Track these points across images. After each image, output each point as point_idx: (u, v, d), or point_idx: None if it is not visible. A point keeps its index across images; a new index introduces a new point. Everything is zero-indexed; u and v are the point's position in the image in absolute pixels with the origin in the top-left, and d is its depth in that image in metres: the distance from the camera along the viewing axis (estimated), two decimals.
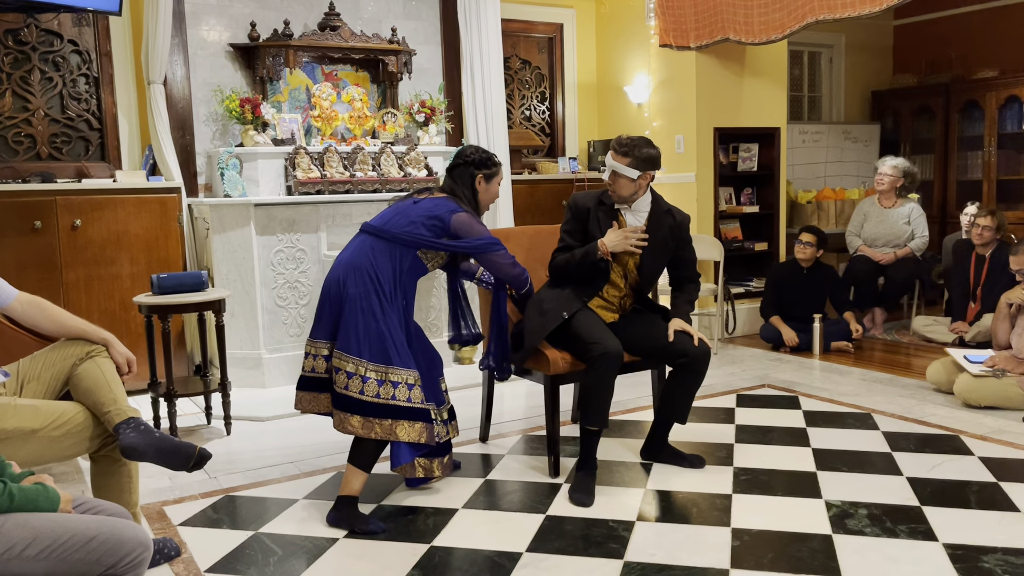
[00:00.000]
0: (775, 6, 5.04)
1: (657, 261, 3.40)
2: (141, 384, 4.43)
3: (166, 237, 4.76)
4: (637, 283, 3.42)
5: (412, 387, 2.90)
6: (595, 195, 3.44)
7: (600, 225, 3.35)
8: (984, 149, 7.13)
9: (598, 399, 3.13)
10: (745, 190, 6.35)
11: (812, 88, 7.79)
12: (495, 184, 3.27)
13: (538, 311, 3.30)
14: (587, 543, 2.75)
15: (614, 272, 3.38)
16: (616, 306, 3.42)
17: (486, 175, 3.21)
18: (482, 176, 3.21)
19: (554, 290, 3.36)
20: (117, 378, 2.48)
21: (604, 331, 3.20)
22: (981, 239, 5.33)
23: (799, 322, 5.52)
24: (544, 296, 3.36)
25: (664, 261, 3.43)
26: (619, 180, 3.28)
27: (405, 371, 2.89)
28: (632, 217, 3.38)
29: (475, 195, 3.22)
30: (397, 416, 2.87)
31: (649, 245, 3.32)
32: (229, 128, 5.22)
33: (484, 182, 3.22)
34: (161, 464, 2.34)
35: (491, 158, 3.23)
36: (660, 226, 3.36)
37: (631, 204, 3.36)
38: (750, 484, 3.22)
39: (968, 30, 7.42)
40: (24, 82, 4.74)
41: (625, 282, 3.40)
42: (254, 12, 5.28)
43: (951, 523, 2.81)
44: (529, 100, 6.64)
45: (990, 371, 4.14)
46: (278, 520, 2.98)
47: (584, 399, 3.17)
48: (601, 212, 3.38)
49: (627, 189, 3.30)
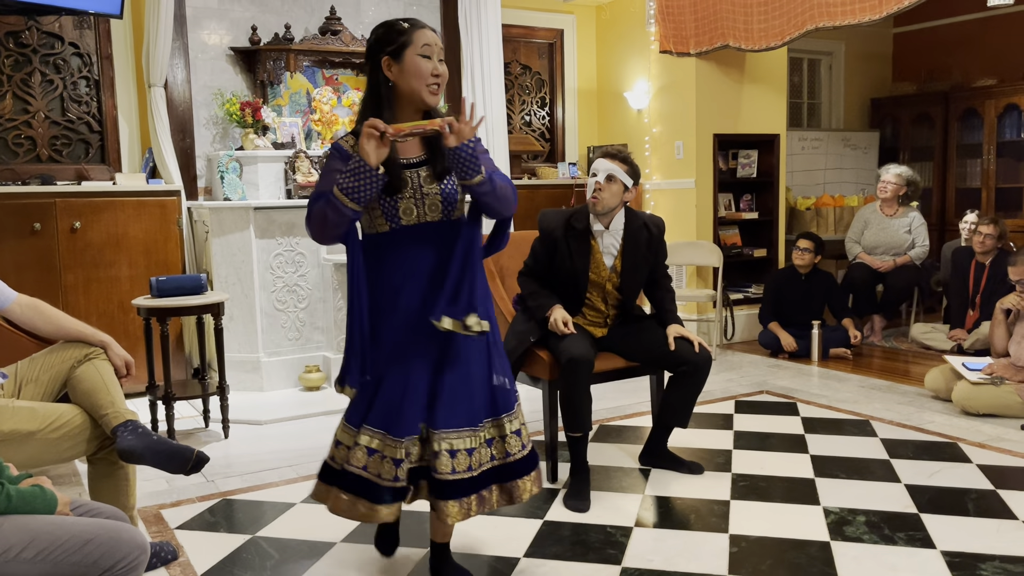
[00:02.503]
0: (775, 13, 5.05)
1: (638, 278, 3.36)
2: (139, 387, 4.43)
3: (165, 240, 4.76)
4: (619, 302, 3.39)
5: None
6: (563, 217, 3.30)
7: (572, 255, 3.24)
8: (983, 157, 7.14)
9: (575, 405, 3.13)
10: (744, 196, 6.36)
11: (812, 95, 7.80)
12: (411, 57, 2.13)
13: (514, 333, 3.32)
14: (585, 549, 2.74)
15: (594, 297, 3.35)
16: (602, 322, 3.41)
17: (392, 53, 2.15)
18: (388, 58, 2.16)
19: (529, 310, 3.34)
20: (115, 380, 2.48)
21: (575, 339, 3.16)
22: (983, 247, 5.33)
23: (798, 328, 5.52)
24: (519, 318, 3.37)
25: (644, 275, 3.39)
26: (612, 186, 3.22)
27: None
28: (607, 239, 3.30)
29: (389, 91, 2.17)
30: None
31: (627, 264, 3.30)
32: (229, 131, 5.23)
33: (395, 63, 2.16)
34: (158, 467, 2.33)
35: (393, 25, 2.18)
36: (637, 243, 3.32)
37: (609, 223, 3.29)
38: (748, 490, 3.22)
39: (967, 38, 7.44)
40: (25, 84, 4.74)
41: (606, 304, 3.38)
42: (255, 16, 5.29)
43: (949, 531, 2.81)
44: (529, 105, 6.64)
45: (988, 379, 4.14)
46: (276, 524, 2.98)
47: (562, 406, 3.17)
48: (572, 239, 3.25)
49: (616, 199, 3.24)
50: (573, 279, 3.29)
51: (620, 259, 3.32)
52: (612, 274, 3.33)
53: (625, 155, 3.28)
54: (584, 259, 3.28)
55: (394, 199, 2.18)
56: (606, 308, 3.39)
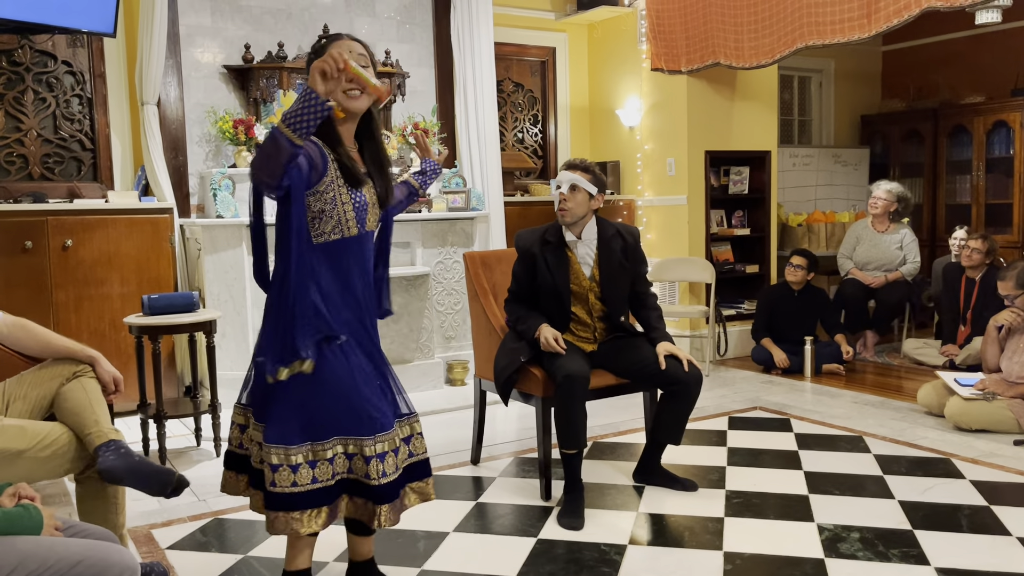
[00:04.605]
0: (765, 31, 5.10)
1: (619, 287, 3.38)
2: (131, 405, 4.40)
3: (157, 258, 4.75)
4: (604, 313, 3.40)
5: None
6: (538, 234, 3.37)
7: (550, 268, 3.30)
8: (972, 173, 7.20)
9: (570, 422, 3.12)
10: (736, 213, 6.38)
11: (802, 112, 7.86)
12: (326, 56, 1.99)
13: (505, 352, 3.33)
14: (578, 567, 2.73)
15: (579, 311, 3.37)
16: (591, 337, 3.42)
17: (312, 55, 2.27)
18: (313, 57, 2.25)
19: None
20: (101, 399, 2.46)
21: (570, 355, 3.18)
22: (970, 261, 5.36)
23: (790, 344, 5.53)
24: (510, 335, 3.39)
25: (626, 284, 3.40)
26: (577, 196, 3.27)
27: None
28: (582, 249, 3.34)
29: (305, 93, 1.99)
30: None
31: (605, 271, 3.33)
32: (222, 149, 5.23)
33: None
34: (139, 488, 2.30)
35: (320, 39, 2.32)
36: (611, 251, 3.35)
37: (580, 232, 3.33)
38: (742, 507, 3.21)
39: (955, 56, 7.51)
40: (17, 102, 4.74)
41: (591, 317, 3.39)
42: (248, 34, 5.31)
43: (943, 547, 2.81)
44: (522, 122, 6.67)
45: (980, 394, 4.15)
46: (267, 544, 2.95)
47: (557, 423, 3.17)
48: (548, 253, 3.32)
49: (583, 207, 3.29)
50: (556, 294, 3.32)
51: (597, 267, 3.35)
52: (592, 283, 3.35)
53: (586, 164, 3.35)
54: (563, 271, 3.32)
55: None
56: (592, 321, 3.40)
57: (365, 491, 2.24)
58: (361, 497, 2.26)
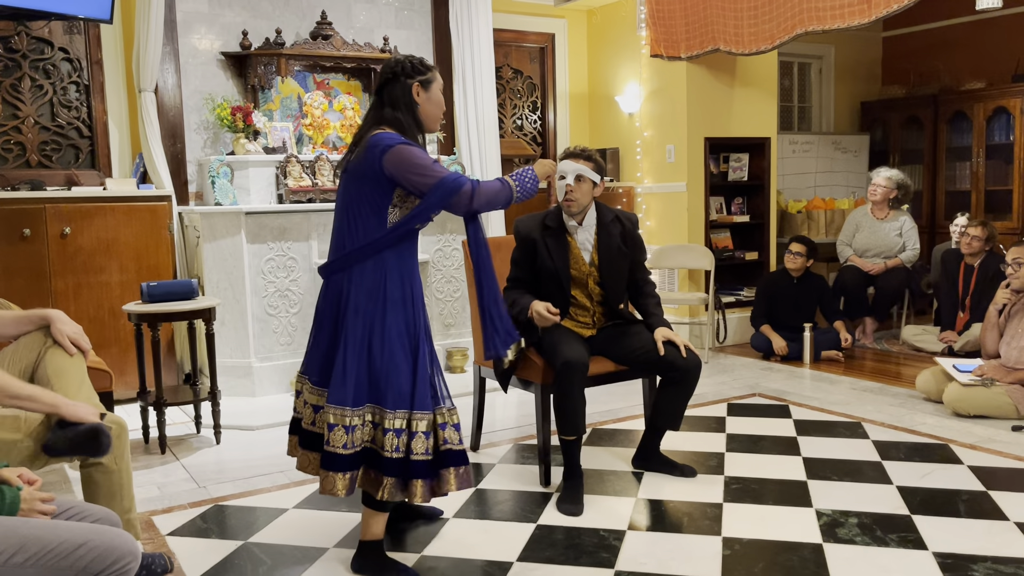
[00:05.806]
0: (765, 17, 5.08)
1: (617, 272, 3.39)
2: (130, 393, 4.42)
3: (156, 245, 4.74)
4: (603, 298, 3.41)
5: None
6: (538, 220, 3.39)
7: (551, 253, 3.31)
8: (972, 160, 7.18)
9: (570, 409, 3.13)
10: (736, 200, 6.37)
11: (802, 98, 7.83)
12: (436, 91, 2.61)
13: None
14: (578, 552, 2.74)
15: (578, 295, 3.38)
16: (590, 323, 3.42)
17: (423, 82, 2.57)
18: (418, 84, 2.56)
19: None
20: (63, 371, 2.37)
21: (569, 342, 3.19)
22: (969, 248, 5.36)
23: (789, 331, 5.54)
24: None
25: (624, 269, 3.41)
26: (582, 186, 3.28)
27: None
28: (582, 234, 3.35)
29: (415, 113, 2.56)
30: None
31: (604, 256, 3.34)
32: (220, 136, 5.22)
33: (423, 91, 2.58)
34: (80, 453, 2.23)
35: (423, 60, 2.62)
36: (610, 236, 3.36)
37: (582, 219, 3.35)
38: (741, 493, 3.22)
39: (956, 42, 7.48)
40: (14, 90, 4.72)
41: (591, 301, 3.40)
42: (246, 21, 5.28)
43: (941, 532, 2.82)
44: (521, 109, 6.65)
45: (979, 380, 4.16)
46: (268, 530, 2.96)
47: (556, 409, 3.18)
48: (549, 238, 3.33)
49: (588, 196, 3.31)
50: (556, 278, 3.32)
51: (596, 252, 3.36)
52: (592, 268, 3.36)
53: (589, 153, 3.35)
54: (563, 256, 3.33)
55: None
56: (591, 305, 3.40)
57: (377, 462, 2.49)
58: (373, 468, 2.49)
